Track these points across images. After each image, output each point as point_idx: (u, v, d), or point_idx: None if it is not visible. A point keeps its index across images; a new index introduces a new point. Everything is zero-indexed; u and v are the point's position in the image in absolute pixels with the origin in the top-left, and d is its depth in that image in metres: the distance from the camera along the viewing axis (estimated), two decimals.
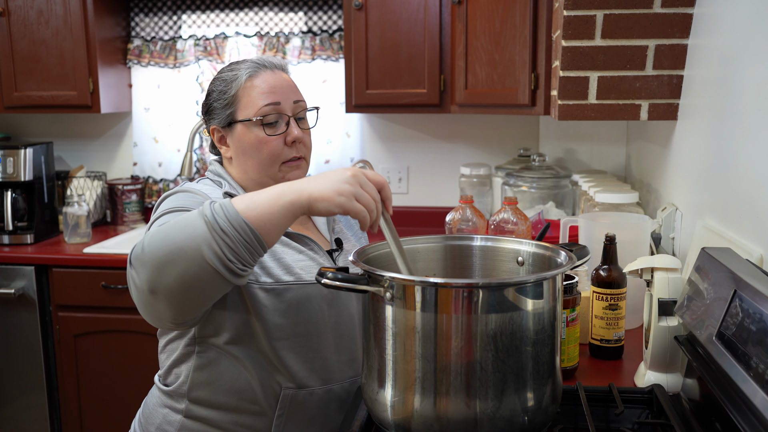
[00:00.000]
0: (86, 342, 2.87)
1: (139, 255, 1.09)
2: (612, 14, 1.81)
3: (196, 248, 1.06)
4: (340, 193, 1.10)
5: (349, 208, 1.10)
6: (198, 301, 1.13)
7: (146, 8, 3.31)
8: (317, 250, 1.44)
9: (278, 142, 1.41)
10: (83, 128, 3.48)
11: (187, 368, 1.38)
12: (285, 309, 1.35)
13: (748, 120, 1.36)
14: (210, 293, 1.12)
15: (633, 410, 1.24)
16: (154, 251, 1.07)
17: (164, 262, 1.06)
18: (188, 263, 1.06)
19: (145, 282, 1.08)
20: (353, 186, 1.11)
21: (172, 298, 1.09)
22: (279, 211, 1.10)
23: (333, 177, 1.12)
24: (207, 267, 1.07)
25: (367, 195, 1.12)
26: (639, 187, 2.48)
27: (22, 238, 3.02)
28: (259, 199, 1.11)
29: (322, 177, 1.12)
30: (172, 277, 1.07)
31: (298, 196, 1.11)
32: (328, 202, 1.10)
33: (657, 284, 1.34)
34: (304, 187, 1.11)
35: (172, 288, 1.08)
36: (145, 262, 1.08)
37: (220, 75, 1.46)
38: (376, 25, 2.82)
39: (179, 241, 1.06)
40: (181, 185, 1.41)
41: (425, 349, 1.03)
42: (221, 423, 1.37)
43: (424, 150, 3.26)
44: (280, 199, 1.11)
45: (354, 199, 1.10)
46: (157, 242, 1.08)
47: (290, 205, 1.11)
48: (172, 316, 1.13)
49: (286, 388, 1.36)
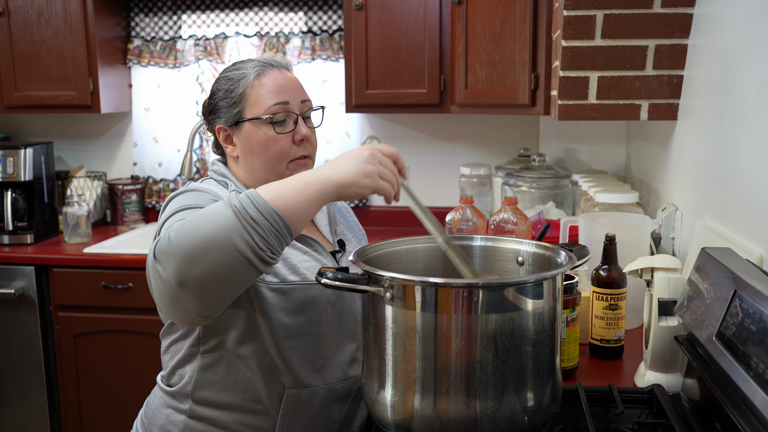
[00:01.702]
0: (86, 342, 2.87)
1: (166, 248, 1.08)
2: (612, 14, 1.81)
3: (227, 238, 1.06)
4: (366, 174, 1.13)
5: (376, 187, 1.14)
6: (226, 292, 1.13)
7: (146, 8, 3.31)
8: (321, 251, 1.44)
9: (287, 140, 1.42)
10: (83, 128, 3.48)
11: (192, 369, 1.38)
12: (290, 309, 1.35)
13: (748, 120, 1.36)
14: (239, 283, 1.12)
15: (633, 410, 1.24)
16: (183, 243, 1.06)
17: (194, 254, 1.06)
18: (219, 253, 1.06)
19: (173, 275, 1.07)
20: (374, 165, 1.14)
21: (201, 290, 1.09)
22: (307, 199, 1.12)
23: (354, 160, 1.14)
24: (238, 256, 1.07)
25: (387, 171, 1.15)
26: (639, 187, 2.48)
27: (22, 238, 3.02)
28: (286, 188, 1.12)
29: (343, 161, 1.14)
30: (201, 268, 1.06)
31: (325, 184, 1.12)
32: (357, 186, 1.13)
33: (657, 284, 1.34)
34: (330, 174, 1.13)
35: (202, 279, 1.07)
36: (173, 254, 1.07)
37: (225, 74, 1.46)
38: (376, 25, 2.82)
39: (209, 231, 1.06)
40: (187, 185, 1.40)
41: (425, 349, 1.03)
42: (225, 423, 1.37)
43: (424, 150, 3.26)
44: (308, 188, 1.12)
45: (378, 178, 1.14)
46: (185, 234, 1.07)
47: (318, 193, 1.12)
48: (198, 309, 1.13)
49: (290, 388, 1.36)
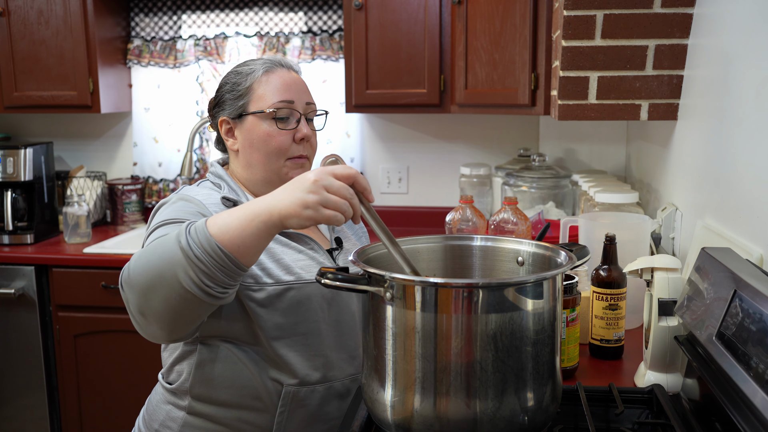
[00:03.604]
0: (86, 342, 2.87)
1: (127, 280, 1.12)
2: (612, 14, 1.81)
3: (173, 275, 1.07)
4: (306, 205, 1.06)
5: (318, 218, 1.07)
6: (186, 321, 1.15)
7: (146, 8, 3.31)
8: (317, 249, 1.44)
9: (287, 137, 1.43)
10: (83, 128, 3.48)
11: (189, 365, 1.39)
12: (285, 308, 1.35)
13: (748, 120, 1.36)
14: (196, 314, 1.14)
15: (633, 410, 1.24)
16: (138, 277, 1.10)
17: (147, 288, 1.09)
18: (169, 289, 1.08)
19: (135, 306, 1.12)
20: (317, 194, 1.06)
21: (161, 321, 1.12)
22: (252, 232, 1.08)
23: (296, 189, 1.07)
24: (184, 293, 1.08)
25: (333, 198, 1.07)
26: (639, 187, 2.48)
27: (22, 238, 3.02)
28: (232, 221, 1.09)
29: (288, 190, 1.09)
30: (157, 302, 1.09)
31: (269, 215, 1.08)
32: (298, 218, 1.07)
33: (657, 284, 1.34)
34: (274, 205, 1.08)
35: (160, 311, 1.10)
36: (132, 287, 1.11)
37: (234, 69, 1.49)
38: (376, 25, 2.82)
39: (158, 267, 1.08)
40: (179, 190, 1.42)
41: (425, 349, 1.03)
42: (224, 419, 1.37)
43: (424, 150, 3.26)
44: (253, 220, 1.08)
45: (321, 207, 1.07)
46: (140, 268, 1.10)
47: (263, 225, 1.08)
48: (164, 335, 1.16)
49: (288, 385, 1.36)
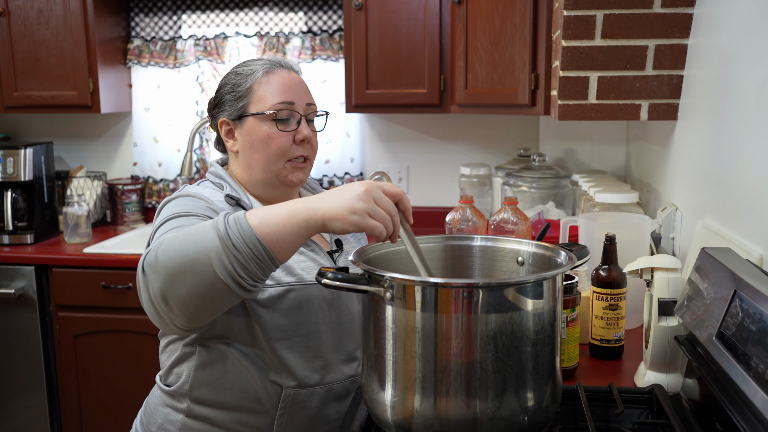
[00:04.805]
0: (86, 342, 2.87)
1: (152, 263, 1.09)
2: (612, 14, 1.81)
3: (208, 262, 1.06)
4: (354, 211, 1.08)
5: (363, 225, 1.09)
6: (210, 310, 1.13)
7: (146, 8, 3.31)
8: (318, 251, 1.44)
9: (287, 138, 1.42)
10: (83, 128, 3.48)
11: (188, 368, 1.38)
12: (286, 310, 1.35)
13: (748, 120, 1.36)
14: (221, 305, 1.13)
15: (633, 410, 1.24)
16: (167, 261, 1.07)
17: (177, 273, 1.07)
18: (200, 276, 1.06)
19: (158, 290, 1.09)
20: (367, 203, 1.09)
21: (183, 308, 1.10)
22: (293, 229, 1.10)
23: (347, 194, 1.09)
24: (217, 281, 1.07)
25: (381, 211, 1.09)
26: (639, 187, 2.48)
27: (22, 238, 3.02)
28: (274, 216, 1.10)
29: (336, 194, 1.11)
30: (184, 288, 1.07)
31: (312, 215, 1.10)
32: (342, 221, 1.08)
33: (657, 284, 1.34)
34: (318, 205, 1.10)
35: (184, 298, 1.08)
36: (159, 270, 1.08)
37: (234, 69, 1.48)
38: (376, 25, 2.81)
39: (192, 253, 1.07)
40: (181, 189, 1.41)
41: (425, 349, 1.03)
42: (223, 422, 1.37)
43: (424, 150, 3.26)
44: (294, 217, 1.10)
45: (368, 216, 1.09)
46: (170, 252, 1.07)
47: (305, 223, 1.10)
48: (182, 323, 1.14)
49: (288, 387, 1.36)
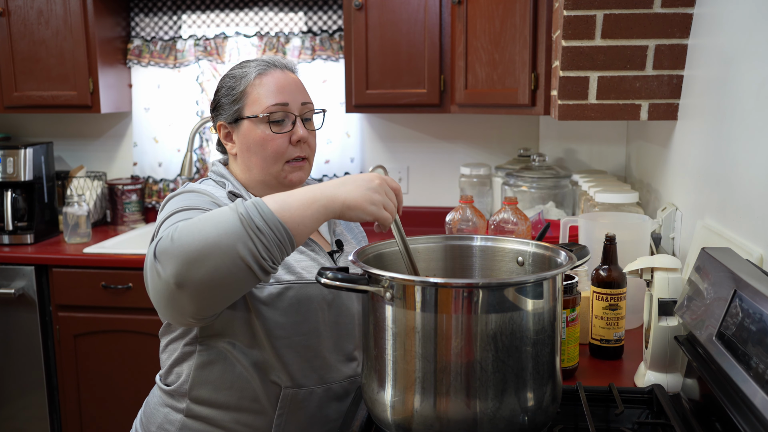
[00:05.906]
0: (86, 342, 2.87)
1: (167, 247, 1.07)
2: (612, 14, 1.81)
3: (231, 244, 1.06)
4: (372, 202, 1.15)
5: (378, 216, 1.16)
6: (224, 296, 1.13)
7: (146, 8, 3.31)
8: (318, 251, 1.44)
9: (283, 140, 1.42)
10: (83, 128, 3.48)
11: (188, 367, 1.38)
12: (286, 308, 1.35)
13: (748, 120, 1.36)
14: (237, 289, 1.12)
15: (633, 410, 1.24)
16: (186, 245, 1.06)
17: (196, 257, 1.06)
18: (221, 258, 1.06)
19: (173, 275, 1.07)
20: (382, 195, 1.16)
21: (199, 293, 1.08)
22: (312, 214, 1.13)
23: (363, 185, 1.16)
24: (240, 263, 1.07)
25: (390, 203, 1.17)
26: (639, 187, 2.48)
27: (22, 238, 3.02)
28: (292, 201, 1.13)
29: (353, 183, 1.16)
30: (202, 272, 1.06)
31: (332, 201, 1.14)
32: (361, 210, 1.15)
33: (657, 284, 1.34)
34: (337, 193, 1.14)
35: (201, 282, 1.07)
36: (175, 254, 1.07)
37: (229, 72, 1.47)
38: (376, 25, 2.81)
39: (213, 236, 1.07)
40: (185, 186, 1.41)
41: (425, 349, 1.03)
42: (222, 422, 1.37)
43: (424, 150, 3.26)
44: (314, 202, 1.13)
45: (383, 208, 1.16)
46: (188, 236, 1.07)
47: (323, 209, 1.14)
48: (194, 311, 1.12)
49: (287, 387, 1.36)
